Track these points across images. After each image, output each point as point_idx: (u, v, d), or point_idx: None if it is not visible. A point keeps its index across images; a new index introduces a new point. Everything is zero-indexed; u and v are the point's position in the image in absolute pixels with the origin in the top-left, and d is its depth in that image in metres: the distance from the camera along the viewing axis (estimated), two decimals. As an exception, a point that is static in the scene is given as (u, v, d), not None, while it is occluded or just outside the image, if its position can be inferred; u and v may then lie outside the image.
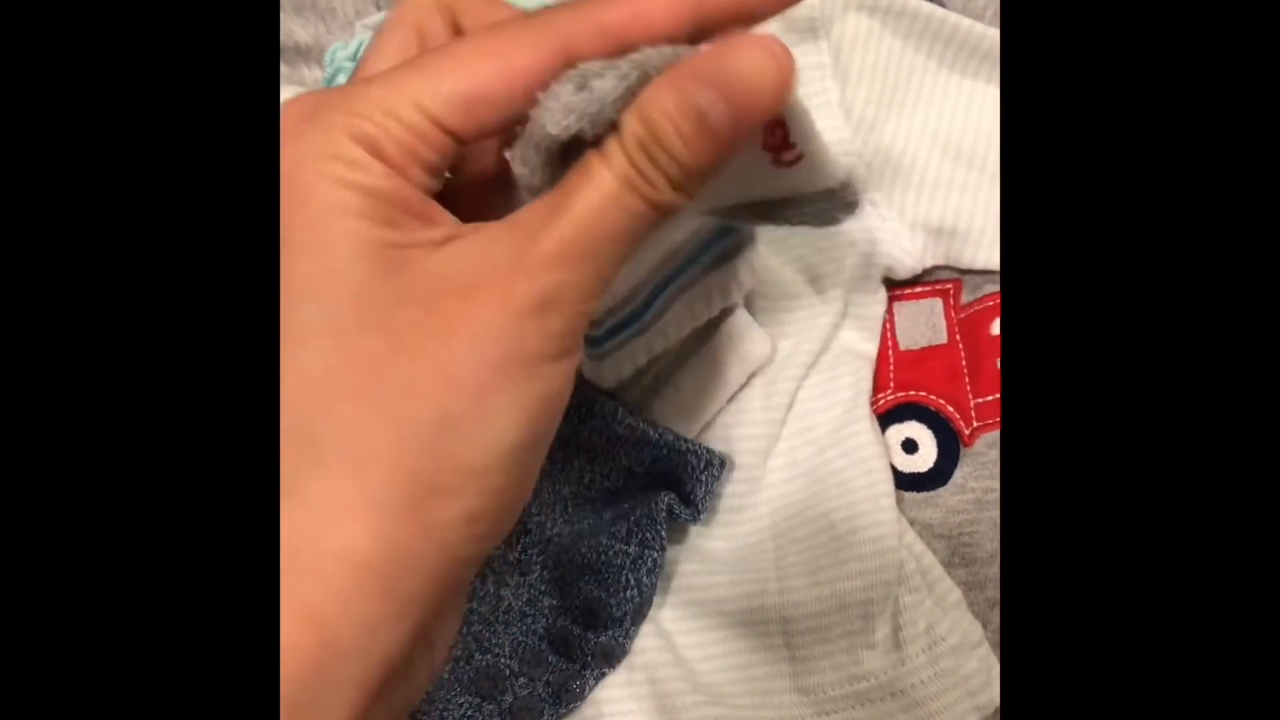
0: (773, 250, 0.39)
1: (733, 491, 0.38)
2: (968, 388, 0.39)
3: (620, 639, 0.36)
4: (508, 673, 0.36)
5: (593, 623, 0.36)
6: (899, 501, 0.38)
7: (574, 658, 0.36)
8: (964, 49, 0.38)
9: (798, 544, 0.37)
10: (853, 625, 0.36)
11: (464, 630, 0.37)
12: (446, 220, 0.22)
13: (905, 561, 0.36)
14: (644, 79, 0.21)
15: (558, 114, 0.21)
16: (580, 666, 0.36)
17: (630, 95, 0.21)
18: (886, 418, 0.39)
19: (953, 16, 0.38)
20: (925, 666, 0.35)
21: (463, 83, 0.21)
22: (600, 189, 0.20)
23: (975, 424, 0.39)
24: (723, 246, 0.34)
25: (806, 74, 0.38)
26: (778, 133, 0.23)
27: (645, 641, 0.37)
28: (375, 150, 0.21)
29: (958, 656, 0.35)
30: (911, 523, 0.38)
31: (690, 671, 0.36)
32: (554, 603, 0.37)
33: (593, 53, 0.21)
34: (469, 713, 0.36)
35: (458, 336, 0.20)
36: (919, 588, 0.36)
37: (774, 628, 0.36)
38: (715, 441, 0.38)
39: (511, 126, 0.22)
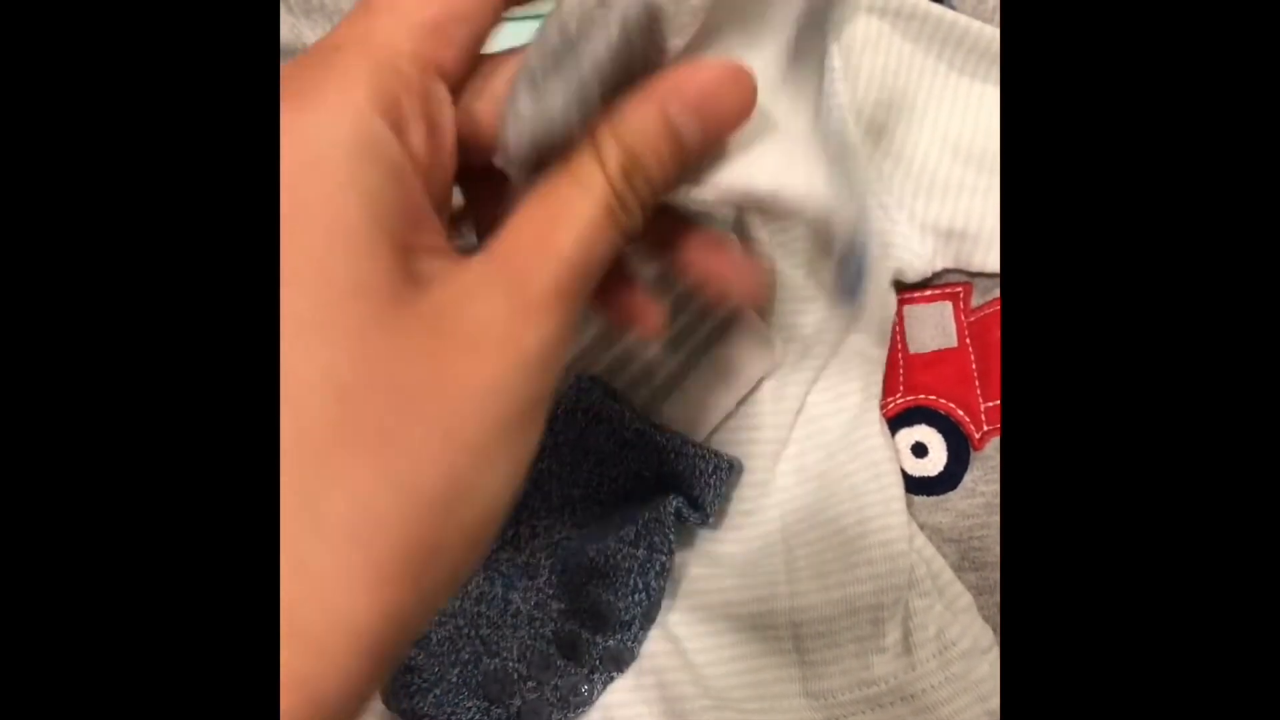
0: (782, 254, 0.39)
1: (742, 495, 0.38)
2: (978, 391, 0.39)
3: (629, 643, 0.36)
4: (516, 676, 0.36)
5: (601, 626, 0.36)
6: (909, 505, 0.37)
7: (582, 661, 0.36)
8: (974, 52, 0.38)
9: (807, 548, 0.37)
10: (863, 630, 0.36)
11: (472, 634, 0.37)
12: (438, 232, 0.21)
13: (915, 566, 0.36)
14: (589, 88, 0.20)
15: (521, 137, 0.20)
16: (588, 670, 0.36)
17: (583, 107, 0.20)
18: (896, 421, 0.39)
19: (963, 19, 0.38)
20: (936, 671, 0.35)
21: (429, 8, 0.21)
22: (584, 221, 0.20)
23: (985, 428, 0.39)
24: None
25: (816, 76, 0.38)
26: None
27: (654, 645, 0.37)
28: (389, 107, 0.20)
29: (968, 661, 0.35)
30: (921, 527, 0.38)
31: (699, 675, 0.36)
32: (562, 606, 0.37)
33: None
34: (477, 716, 0.36)
35: (464, 396, 0.19)
36: (929, 592, 0.36)
37: (784, 632, 0.36)
38: (725, 445, 0.37)
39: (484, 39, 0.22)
